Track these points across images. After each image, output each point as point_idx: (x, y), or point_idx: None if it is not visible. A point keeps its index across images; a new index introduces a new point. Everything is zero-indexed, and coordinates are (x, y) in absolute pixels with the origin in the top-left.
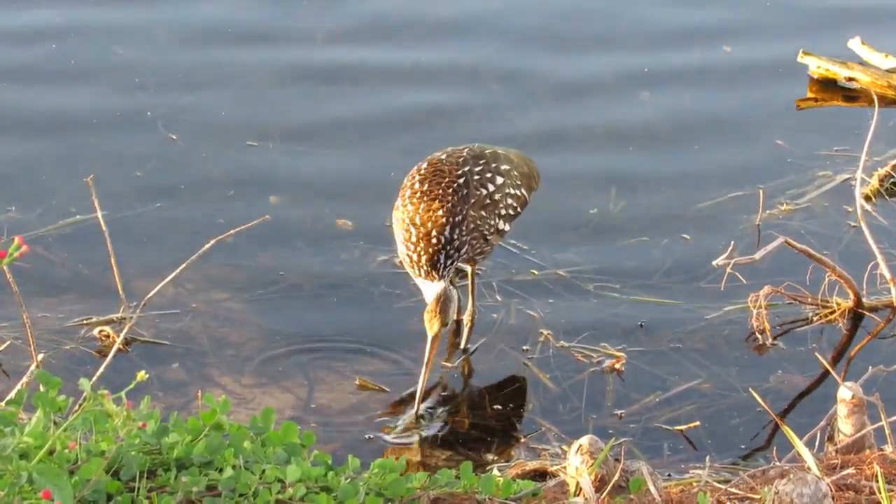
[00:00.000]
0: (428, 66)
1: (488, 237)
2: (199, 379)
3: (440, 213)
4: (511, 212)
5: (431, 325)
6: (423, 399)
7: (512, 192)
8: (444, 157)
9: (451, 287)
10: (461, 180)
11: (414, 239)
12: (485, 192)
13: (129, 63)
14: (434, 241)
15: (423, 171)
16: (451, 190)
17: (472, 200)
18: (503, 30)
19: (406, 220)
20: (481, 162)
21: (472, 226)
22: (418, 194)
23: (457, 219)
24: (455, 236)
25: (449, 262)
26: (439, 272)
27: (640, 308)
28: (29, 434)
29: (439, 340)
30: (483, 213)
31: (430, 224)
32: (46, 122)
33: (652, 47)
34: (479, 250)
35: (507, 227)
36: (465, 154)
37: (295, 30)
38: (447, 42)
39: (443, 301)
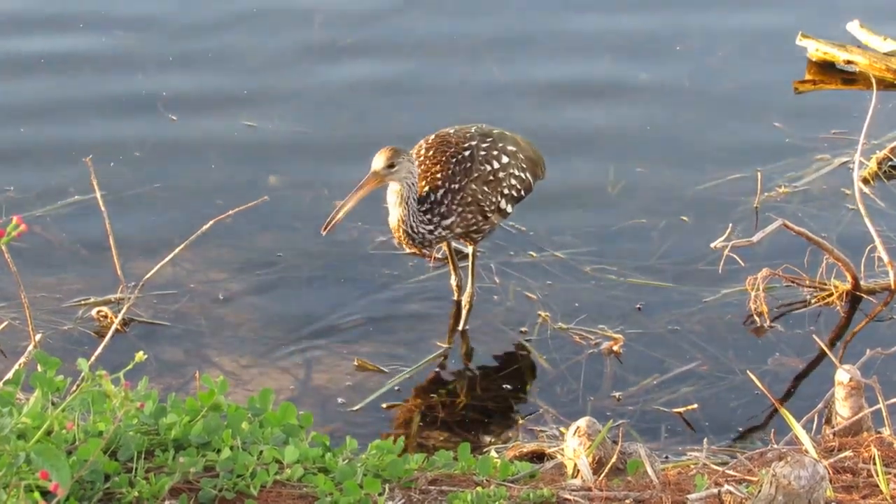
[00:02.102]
0: (425, 45)
1: (489, 214)
2: (197, 359)
3: (438, 175)
4: (514, 193)
5: (378, 158)
6: (334, 225)
7: (517, 173)
8: (452, 131)
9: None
10: (466, 153)
11: None
12: (489, 168)
13: (129, 44)
14: (424, 193)
15: (430, 141)
16: (454, 160)
17: (476, 175)
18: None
19: None
20: (488, 139)
21: (469, 199)
22: (421, 158)
23: (453, 186)
24: (445, 201)
25: (431, 223)
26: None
27: (638, 290)
28: (27, 414)
29: (377, 183)
30: (486, 188)
31: (424, 182)
32: (45, 103)
33: (650, 29)
34: (475, 226)
35: (509, 209)
36: (472, 131)
37: (292, 10)
38: (445, 18)
39: (398, 148)
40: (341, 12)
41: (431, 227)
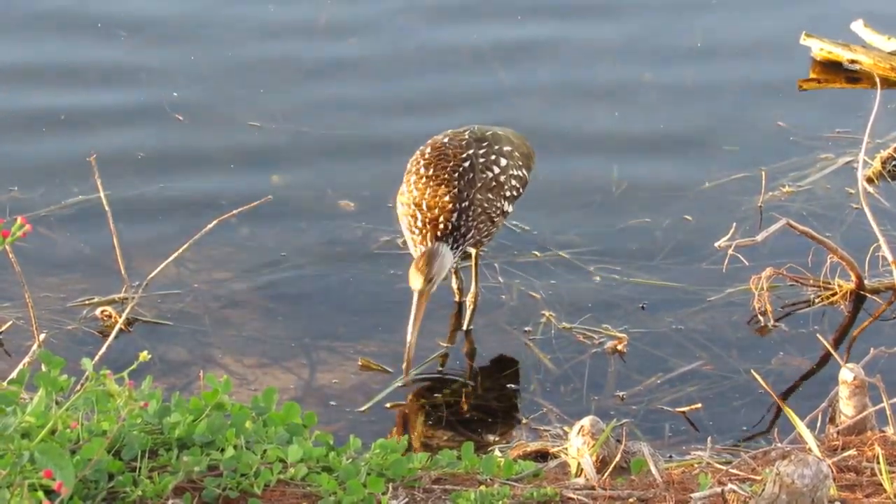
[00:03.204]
0: (428, 47)
1: (494, 219)
2: (201, 359)
3: (447, 198)
4: (515, 193)
5: (415, 279)
6: (411, 364)
7: (515, 173)
8: (446, 140)
9: (443, 247)
10: (466, 164)
11: (419, 224)
12: (490, 174)
13: (133, 43)
14: (441, 226)
15: (427, 156)
16: (456, 174)
17: (479, 184)
18: (506, 4)
19: (411, 204)
20: (484, 145)
21: (478, 210)
22: (424, 179)
23: (463, 204)
24: (462, 222)
25: (456, 246)
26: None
27: (642, 289)
28: (31, 414)
29: (426, 298)
30: (490, 195)
31: (437, 210)
32: (49, 102)
33: (654, 27)
34: (486, 233)
35: (510, 209)
36: (467, 136)
37: (297, 10)
38: (448, 21)
39: (429, 254)
40: (345, 13)
41: (457, 247)
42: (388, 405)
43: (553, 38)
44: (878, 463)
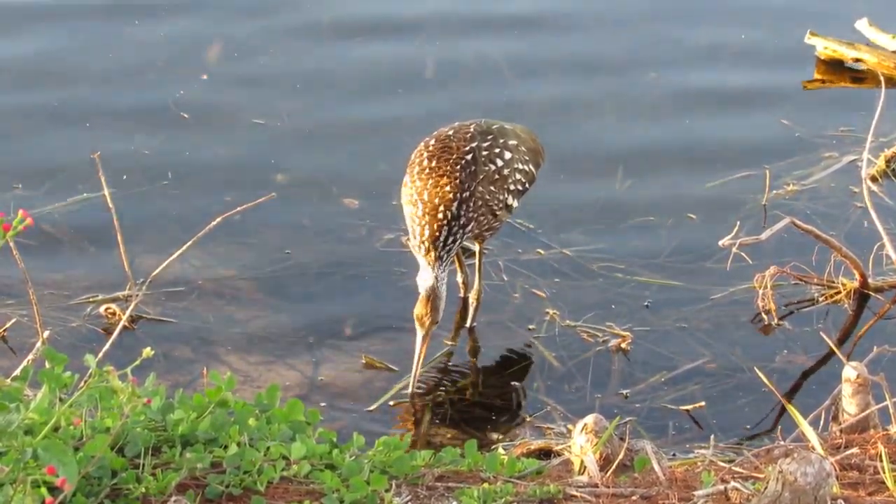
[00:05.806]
0: (433, 43)
1: (497, 212)
2: (205, 356)
3: (447, 188)
4: (519, 187)
5: (423, 323)
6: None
7: (520, 167)
8: (451, 132)
9: (442, 283)
10: (469, 156)
11: (420, 213)
12: (493, 167)
13: (139, 40)
14: (440, 216)
15: (431, 148)
16: (458, 167)
17: (481, 177)
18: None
19: (413, 195)
20: (489, 137)
21: (479, 202)
22: (427, 171)
23: (464, 195)
24: (462, 212)
25: (451, 239)
26: (438, 249)
27: (646, 288)
28: (34, 410)
29: (429, 338)
30: (492, 188)
31: (437, 200)
32: (54, 99)
33: (660, 27)
34: (486, 226)
35: (515, 203)
36: (472, 130)
37: (302, 7)
38: (451, 18)
39: (433, 299)
40: (350, 10)
41: (452, 240)
42: (391, 403)
43: (557, 34)
44: (881, 461)
